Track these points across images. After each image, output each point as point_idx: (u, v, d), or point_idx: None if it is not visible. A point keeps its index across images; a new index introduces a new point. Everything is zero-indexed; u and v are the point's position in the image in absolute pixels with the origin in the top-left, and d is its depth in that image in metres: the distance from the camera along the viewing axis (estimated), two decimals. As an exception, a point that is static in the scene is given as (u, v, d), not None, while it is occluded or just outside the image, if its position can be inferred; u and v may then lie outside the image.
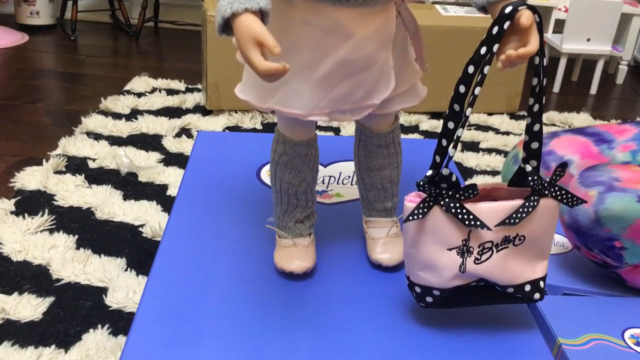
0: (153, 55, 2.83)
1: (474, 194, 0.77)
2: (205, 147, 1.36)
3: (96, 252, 1.37)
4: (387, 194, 0.99)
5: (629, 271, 0.99)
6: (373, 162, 0.97)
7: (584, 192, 0.96)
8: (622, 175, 0.97)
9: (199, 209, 1.12)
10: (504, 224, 0.77)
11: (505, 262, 0.80)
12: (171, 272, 0.96)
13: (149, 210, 1.54)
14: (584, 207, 0.95)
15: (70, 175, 1.67)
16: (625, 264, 0.98)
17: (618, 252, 0.96)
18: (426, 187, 0.76)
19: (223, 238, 1.04)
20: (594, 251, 0.98)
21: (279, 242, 0.98)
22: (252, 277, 0.95)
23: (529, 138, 0.78)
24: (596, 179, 0.98)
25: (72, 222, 1.48)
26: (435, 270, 0.80)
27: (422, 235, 0.79)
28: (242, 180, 1.22)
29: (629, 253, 0.96)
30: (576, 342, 0.92)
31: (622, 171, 0.98)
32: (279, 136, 0.92)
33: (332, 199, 1.18)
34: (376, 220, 1.01)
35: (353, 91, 0.84)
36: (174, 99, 2.23)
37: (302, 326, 0.86)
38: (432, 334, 0.86)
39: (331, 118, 0.86)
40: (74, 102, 2.22)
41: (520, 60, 0.69)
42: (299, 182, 0.94)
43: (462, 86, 0.74)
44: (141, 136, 1.95)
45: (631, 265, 0.98)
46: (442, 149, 0.78)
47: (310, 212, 0.98)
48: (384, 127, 0.94)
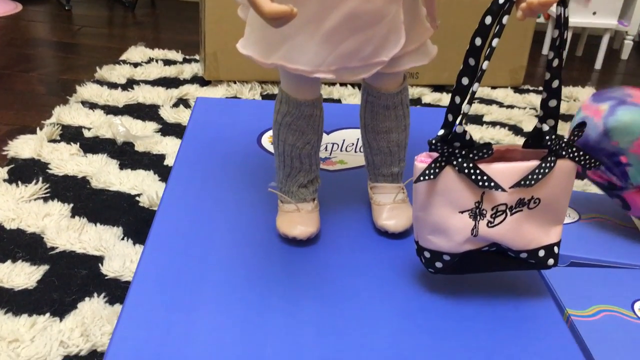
0: (149, 26, 2.77)
1: (488, 153, 0.73)
2: (204, 113, 1.32)
3: (92, 221, 1.33)
4: (394, 159, 0.96)
5: (634, 195, 0.98)
6: (380, 124, 0.93)
7: (595, 107, 0.98)
8: (635, 93, 0.98)
9: (197, 175, 1.09)
10: (519, 186, 0.74)
11: (519, 226, 0.77)
12: (169, 239, 0.92)
13: (145, 179, 1.50)
14: (594, 120, 0.97)
15: (65, 144, 1.63)
16: (630, 184, 0.97)
17: (623, 169, 0.96)
18: (438, 146, 0.73)
19: (222, 205, 1.01)
20: (600, 169, 0.97)
21: (282, 207, 0.95)
22: (253, 243, 0.92)
23: (547, 95, 0.74)
24: (609, 94, 0.99)
25: (67, 190, 1.44)
26: (446, 234, 0.77)
27: (433, 197, 0.75)
28: (243, 147, 1.19)
29: (634, 171, 0.96)
30: (585, 314, 0.89)
31: (636, 90, 1.00)
32: (283, 95, 0.88)
33: (335, 166, 1.14)
34: (382, 186, 0.97)
35: (361, 47, 0.80)
36: (171, 69, 2.18)
37: (306, 294, 0.83)
38: (441, 301, 0.83)
39: (337, 76, 0.82)
40: (69, 71, 2.17)
41: (543, 8, 0.65)
42: (303, 144, 0.90)
43: (478, 38, 0.70)
44: (137, 106, 1.90)
45: (636, 187, 0.97)
46: (455, 106, 0.74)
47: (314, 177, 0.95)
48: (392, 87, 0.91)
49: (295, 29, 0.77)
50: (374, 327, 0.79)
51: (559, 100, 0.75)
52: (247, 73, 2.07)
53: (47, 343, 1.00)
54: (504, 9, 0.67)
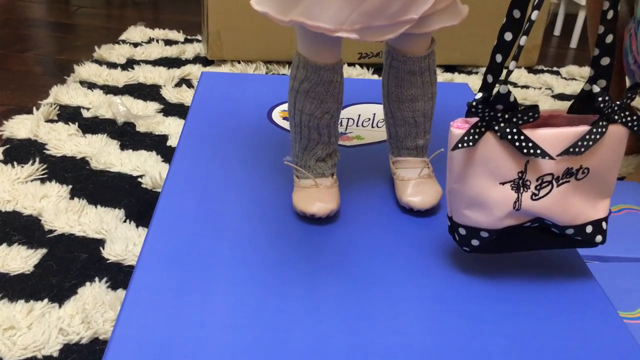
0: (148, 7, 2.69)
1: (534, 117, 0.65)
2: (209, 88, 1.24)
3: (92, 203, 1.26)
4: (419, 130, 0.88)
5: None
6: (405, 92, 0.85)
7: None
8: None
9: (204, 153, 1.01)
10: (568, 154, 0.66)
11: (566, 199, 0.69)
12: (175, 220, 0.85)
13: (148, 160, 1.43)
14: None
15: (63, 124, 1.56)
16: None
17: None
18: (479, 109, 0.65)
19: (232, 183, 0.93)
20: None
21: (298, 182, 0.87)
22: (268, 222, 0.85)
23: (600, 51, 0.67)
24: None
25: (65, 171, 1.37)
26: (484, 207, 0.69)
27: (471, 167, 0.68)
28: (252, 122, 1.11)
29: None
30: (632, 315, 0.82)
31: None
32: (300, 60, 0.81)
33: (352, 142, 1.07)
34: (406, 160, 0.90)
35: (388, 3, 0.72)
36: (173, 49, 2.11)
37: (327, 276, 0.76)
38: (476, 282, 0.75)
39: (361, 36, 0.74)
40: (66, 51, 2.09)
41: None
42: (322, 113, 0.83)
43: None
44: (138, 86, 1.83)
45: None
46: (496, 66, 0.66)
47: (332, 150, 0.87)
48: (420, 50, 0.83)
49: (317, -18, 0.69)
50: (403, 311, 0.71)
51: (613, 58, 0.67)
52: (251, 52, 2.00)
53: (45, 330, 0.94)
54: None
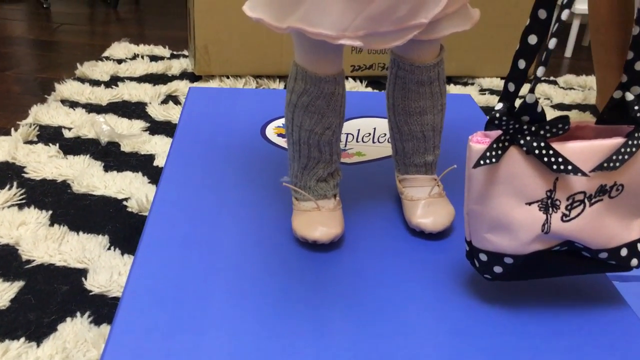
0: (133, 22, 2.62)
1: (564, 129, 0.59)
2: (198, 105, 1.16)
3: (73, 229, 1.18)
4: (428, 145, 0.81)
5: None
6: (413, 104, 0.78)
7: None
8: None
9: (193, 173, 0.93)
10: (602, 169, 0.59)
11: (600, 220, 0.62)
12: (164, 247, 0.77)
13: (133, 182, 1.35)
14: None
15: (43, 145, 1.47)
16: None
17: None
18: (503, 121, 0.58)
19: (225, 206, 0.85)
20: None
21: (298, 205, 0.80)
22: (265, 250, 0.77)
23: (635, 55, 0.60)
24: None
25: (44, 196, 1.28)
26: (509, 230, 0.62)
27: (494, 186, 0.61)
28: (244, 140, 1.04)
29: None
30: None
31: None
32: (298, 71, 0.74)
33: (353, 159, 1.00)
34: (414, 178, 0.83)
35: (395, 6, 0.65)
36: (158, 65, 2.03)
37: (333, 309, 0.68)
38: (497, 313, 0.68)
39: (366, 44, 0.67)
40: (47, 69, 2.01)
41: None
42: (323, 129, 0.76)
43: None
44: (123, 103, 1.75)
45: None
46: (518, 72, 0.59)
47: (334, 169, 0.80)
48: (429, 58, 0.76)
49: (317, -16, 0.63)
50: (417, 347, 0.64)
51: (649, 62, 0.60)
52: (240, 67, 1.93)
53: (20, 374, 0.85)
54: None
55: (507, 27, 1.99)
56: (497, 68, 2.09)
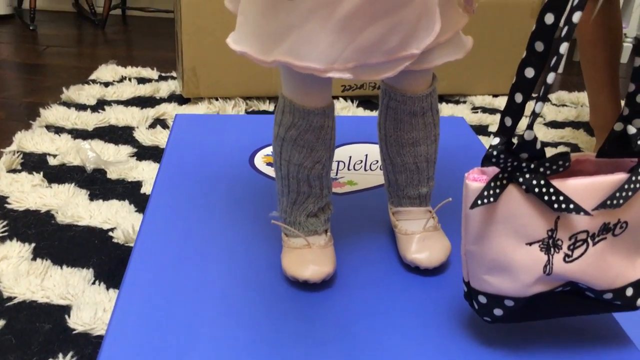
0: (121, 44, 2.59)
1: (564, 166, 0.56)
2: (184, 132, 1.13)
3: (57, 263, 1.13)
4: (422, 177, 0.78)
5: None
6: (405, 135, 0.76)
7: None
8: None
9: (180, 205, 0.90)
10: (605, 207, 0.56)
11: (603, 259, 0.59)
12: (149, 282, 0.74)
13: (120, 211, 1.31)
14: None
15: (27, 174, 1.43)
16: None
17: None
18: (500, 159, 0.55)
19: (212, 241, 0.82)
20: None
21: (287, 242, 0.76)
22: (254, 288, 0.74)
23: (636, 87, 0.58)
24: None
25: (28, 227, 1.24)
26: (509, 272, 0.59)
27: (492, 226, 0.58)
28: (232, 170, 1.00)
29: None
30: None
31: None
32: (286, 104, 0.71)
33: (344, 188, 0.97)
34: (408, 211, 0.80)
35: (386, 37, 0.63)
36: (146, 87, 2.00)
37: (325, 354, 0.65)
38: (499, 354, 0.65)
39: (356, 75, 0.65)
40: (33, 93, 1.97)
41: None
42: (312, 163, 0.73)
43: (549, 14, 0.53)
44: (109, 128, 1.71)
45: None
46: (515, 106, 0.57)
47: (325, 203, 0.77)
48: (421, 89, 0.73)
49: (303, 16, 0.60)
50: (417, 395, 0.60)
51: (651, 94, 0.58)
52: (229, 88, 1.90)
53: None
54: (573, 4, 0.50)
55: (498, 45, 1.98)
56: (488, 86, 2.08)
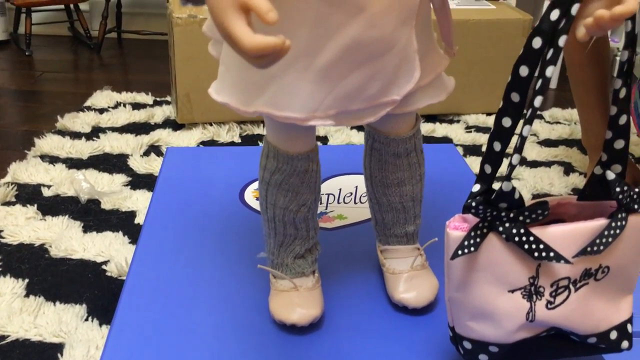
0: (117, 67, 2.60)
1: (543, 214, 0.56)
2: (175, 166, 1.14)
3: (50, 299, 1.14)
4: (409, 215, 0.79)
5: None
6: (390, 175, 0.76)
7: None
8: None
9: (170, 242, 0.91)
10: (585, 254, 0.57)
11: (586, 304, 0.60)
12: (138, 323, 0.74)
13: (113, 243, 1.31)
14: None
15: (21, 207, 1.44)
16: None
17: None
18: (480, 210, 0.56)
19: (201, 280, 0.82)
20: None
21: (275, 284, 0.77)
22: (242, 331, 0.74)
23: (613, 134, 0.58)
24: None
25: (21, 262, 1.25)
26: (492, 319, 0.59)
27: (474, 274, 0.58)
28: (223, 205, 1.01)
29: None
30: None
31: None
32: (270, 149, 0.71)
33: (334, 223, 0.97)
34: (396, 249, 0.80)
35: (366, 84, 0.63)
36: (141, 113, 2.01)
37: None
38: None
39: (337, 122, 0.65)
40: (28, 122, 1.98)
41: (615, 23, 0.49)
42: (298, 206, 0.73)
43: (523, 67, 0.53)
44: (104, 157, 1.72)
45: None
46: (494, 155, 0.57)
47: (312, 244, 0.77)
48: (404, 131, 0.74)
49: (283, 66, 0.60)
50: None
51: (628, 141, 0.58)
52: (224, 114, 1.90)
53: None
54: (558, 27, 0.51)
55: (492, 63, 1.99)
56: (482, 104, 2.08)
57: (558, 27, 0.51)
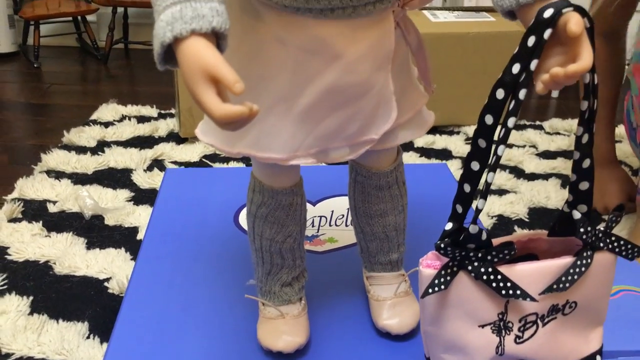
0: (123, 79, 2.65)
1: (510, 254, 0.59)
2: (174, 187, 1.18)
3: (53, 317, 1.17)
4: (392, 244, 0.82)
5: None
6: (373, 207, 0.79)
7: None
8: None
9: (166, 265, 0.94)
10: (551, 291, 0.59)
11: (554, 338, 0.62)
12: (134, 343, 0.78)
13: (115, 260, 1.35)
14: None
15: (27, 223, 1.48)
16: None
17: None
18: (448, 251, 0.58)
19: (195, 304, 0.86)
20: None
21: (263, 311, 0.80)
22: (230, 356, 0.77)
23: (577, 177, 0.61)
24: None
25: (26, 280, 1.28)
26: (464, 352, 0.62)
27: (446, 310, 0.61)
28: (217, 228, 1.04)
29: None
30: None
31: None
32: (256, 184, 0.74)
33: (324, 246, 1.00)
34: (380, 276, 0.83)
35: (345, 125, 0.66)
36: (145, 127, 2.05)
37: None
38: None
39: (319, 159, 0.68)
40: (35, 136, 2.03)
41: (570, 80, 0.52)
42: (283, 238, 0.76)
43: (488, 116, 0.56)
44: (108, 171, 1.76)
45: None
46: (464, 196, 0.60)
47: (299, 272, 0.80)
48: (385, 165, 0.77)
49: (265, 110, 0.63)
50: None
51: (592, 183, 0.61)
52: (226, 127, 1.94)
53: None
54: (519, 81, 0.54)
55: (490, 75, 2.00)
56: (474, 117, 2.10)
57: (519, 81, 0.53)
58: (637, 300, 1.07)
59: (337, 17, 0.60)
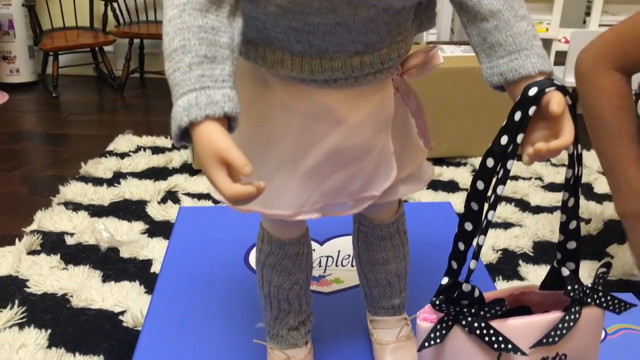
0: (139, 108, 2.72)
1: (502, 310, 0.62)
2: (187, 225, 1.22)
3: (70, 350, 1.22)
4: (394, 290, 0.85)
5: None
6: (376, 255, 0.83)
7: None
8: None
9: (180, 304, 0.98)
10: (541, 345, 0.63)
11: (545, 388, 0.65)
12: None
13: (130, 293, 1.39)
14: None
15: (45, 256, 1.53)
16: None
17: None
18: (443, 307, 0.62)
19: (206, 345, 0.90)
20: None
21: (271, 355, 0.84)
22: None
23: (565, 237, 0.65)
24: None
25: (44, 312, 1.33)
26: (459, 401, 0.65)
27: (441, 361, 0.64)
28: (228, 267, 1.09)
29: None
30: None
31: None
32: (265, 234, 0.79)
33: (331, 287, 1.04)
34: (383, 320, 0.86)
35: (348, 183, 0.71)
36: (159, 158, 2.10)
37: None
38: None
39: (324, 213, 0.73)
40: (53, 167, 2.09)
41: (553, 154, 0.56)
42: (290, 285, 0.80)
43: (480, 182, 0.60)
44: (124, 203, 1.81)
45: None
46: (459, 253, 0.64)
47: (305, 317, 0.84)
48: (387, 217, 0.81)
49: (272, 170, 0.68)
50: None
51: (579, 242, 0.65)
52: (237, 159, 1.99)
53: None
54: (507, 151, 0.58)
55: (497, 108, 2.05)
56: (479, 147, 2.14)
57: (507, 151, 0.58)
58: (636, 338, 1.10)
59: (340, 87, 0.65)
